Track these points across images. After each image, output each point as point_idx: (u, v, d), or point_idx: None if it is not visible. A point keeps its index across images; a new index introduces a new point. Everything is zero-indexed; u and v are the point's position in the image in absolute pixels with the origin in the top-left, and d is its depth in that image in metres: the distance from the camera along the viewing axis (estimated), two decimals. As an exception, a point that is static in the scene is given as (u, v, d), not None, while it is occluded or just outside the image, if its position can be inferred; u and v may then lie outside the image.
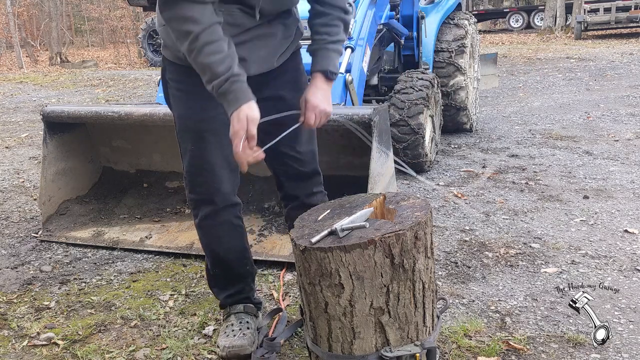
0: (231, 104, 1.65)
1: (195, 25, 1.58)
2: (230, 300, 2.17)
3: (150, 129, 3.42)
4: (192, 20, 1.58)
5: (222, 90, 1.63)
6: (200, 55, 1.61)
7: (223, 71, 1.62)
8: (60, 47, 22.00)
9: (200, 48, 1.60)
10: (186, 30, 1.59)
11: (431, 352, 1.52)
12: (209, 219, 2.02)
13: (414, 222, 1.44)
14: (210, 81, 1.64)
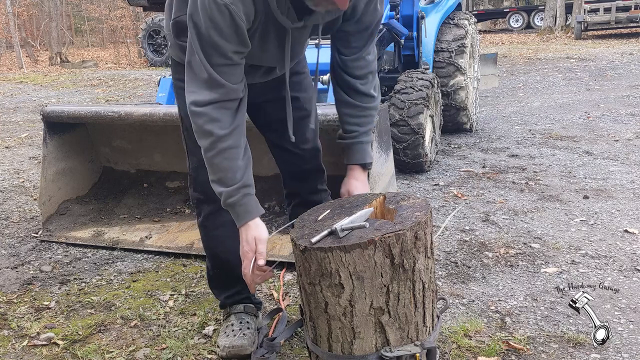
0: (240, 217, 1.65)
1: (219, 128, 1.58)
2: (230, 300, 2.18)
3: (150, 129, 3.42)
4: (218, 122, 1.58)
5: (232, 201, 1.63)
6: (217, 157, 1.61)
7: (237, 179, 1.62)
8: (60, 47, 22.00)
9: (220, 151, 1.60)
10: (209, 131, 1.59)
11: (431, 352, 1.52)
12: (211, 219, 2.03)
13: (414, 222, 1.44)
14: (221, 184, 1.63)
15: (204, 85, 1.56)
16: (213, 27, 1.51)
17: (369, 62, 1.89)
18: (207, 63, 1.55)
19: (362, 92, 1.89)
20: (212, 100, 1.57)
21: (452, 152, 5.02)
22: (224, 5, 1.49)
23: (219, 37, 1.52)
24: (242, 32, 1.55)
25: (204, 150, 1.62)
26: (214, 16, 1.50)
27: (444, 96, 5.05)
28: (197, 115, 1.59)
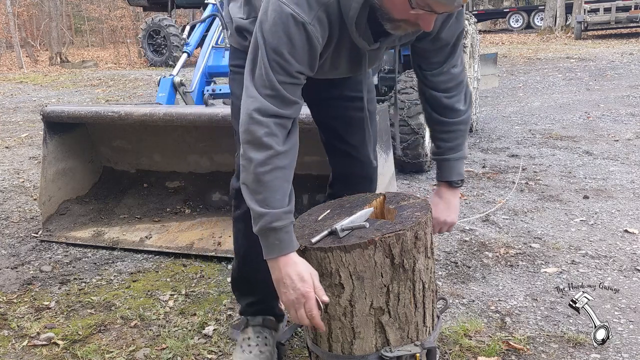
0: (282, 247, 1.43)
1: (278, 144, 1.43)
2: (251, 309, 2.03)
3: (150, 129, 3.42)
4: (277, 137, 1.44)
5: (277, 226, 1.42)
6: (270, 174, 1.43)
7: (286, 203, 1.45)
8: (60, 47, 22.00)
9: (275, 168, 1.43)
10: (269, 144, 1.42)
11: (431, 352, 1.52)
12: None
13: (414, 222, 1.44)
14: (265, 205, 1.43)
15: (267, 98, 1.43)
16: (286, 43, 1.39)
17: (455, 75, 1.75)
18: (273, 78, 1.42)
19: (446, 105, 1.77)
20: (276, 113, 1.43)
21: (452, 152, 5.01)
22: (302, 24, 1.38)
23: (290, 54, 1.41)
24: (315, 54, 1.45)
25: (255, 164, 1.42)
26: (290, 32, 1.39)
27: (444, 96, 5.03)
28: (259, 125, 1.42)
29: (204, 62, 4.20)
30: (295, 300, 1.42)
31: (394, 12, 1.38)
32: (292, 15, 1.37)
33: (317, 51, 1.45)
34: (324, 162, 2.30)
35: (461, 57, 1.77)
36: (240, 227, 1.91)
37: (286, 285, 1.42)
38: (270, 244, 1.44)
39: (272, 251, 1.44)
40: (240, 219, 1.90)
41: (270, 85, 1.42)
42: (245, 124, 1.44)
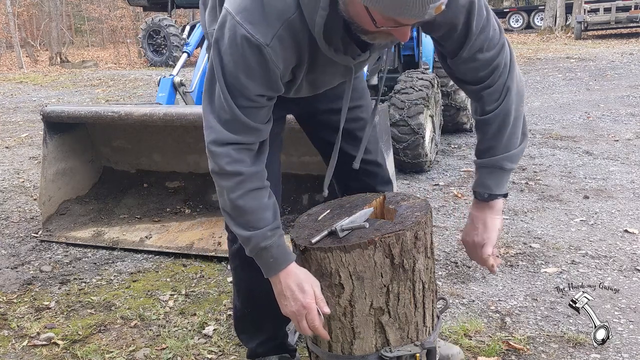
0: (278, 262, 1.39)
1: (245, 166, 1.37)
2: (262, 349, 1.89)
3: (150, 129, 3.42)
4: (242, 162, 1.37)
5: (266, 245, 1.38)
6: (244, 198, 1.37)
7: (269, 219, 1.39)
8: (60, 47, 22.00)
9: (247, 191, 1.37)
10: (235, 171, 1.36)
11: (431, 352, 1.52)
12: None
13: (414, 222, 1.44)
14: (248, 228, 1.38)
15: (225, 124, 1.34)
16: (242, 67, 1.28)
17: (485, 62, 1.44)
18: (231, 102, 1.31)
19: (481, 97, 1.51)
20: (235, 141, 1.35)
21: (452, 152, 5.02)
22: (257, 47, 1.25)
23: (247, 78, 1.29)
24: (274, 79, 1.32)
25: (227, 192, 1.37)
26: (245, 55, 1.26)
27: (444, 96, 5.05)
28: (218, 156, 1.35)
29: (204, 62, 4.20)
30: (296, 312, 1.39)
31: (364, 24, 1.23)
32: (246, 37, 1.24)
33: (277, 75, 1.32)
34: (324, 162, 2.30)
35: (495, 37, 1.42)
36: (240, 262, 1.80)
37: (287, 297, 1.39)
38: (265, 263, 1.41)
39: (270, 269, 1.41)
40: (237, 253, 1.79)
41: (228, 110, 1.32)
42: (208, 155, 1.38)
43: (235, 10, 1.25)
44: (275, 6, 1.24)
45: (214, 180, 1.41)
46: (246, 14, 1.23)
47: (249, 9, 1.24)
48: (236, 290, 1.87)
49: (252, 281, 1.77)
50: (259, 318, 1.85)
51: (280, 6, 1.24)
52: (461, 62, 1.45)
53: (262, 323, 1.86)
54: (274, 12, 1.24)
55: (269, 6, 1.23)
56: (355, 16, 1.23)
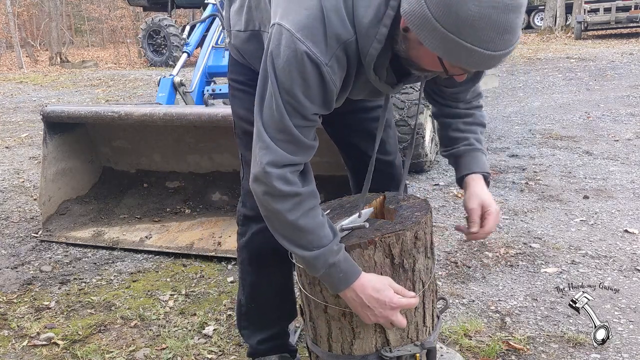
0: (350, 275, 1.34)
1: (300, 187, 1.34)
2: (263, 347, 1.88)
3: (150, 129, 3.42)
4: (296, 183, 1.33)
5: (335, 260, 1.33)
6: (304, 219, 1.33)
7: (330, 234, 1.35)
8: (60, 47, 22.00)
9: (305, 211, 1.34)
10: (292, 192, 1.32)
11: (431, 352, 1.52)
12: (259, 239, 1.73)
13: (413, 222, 1.44)
14: (312, 247, 1.33)
15: (282, 144, 1.30)
16: (301, 85, 1.25)
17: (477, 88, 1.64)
18: (288, 122, 1.28)
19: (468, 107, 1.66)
20: (290, 162, 1.31)
21: (452, 152, 5.01)
22: (317, 65, 1.23)
23: (305, 96, 1.27)
24: (331, 97, 1.31)
25: (285, 214, 1.32)
26: (306, 72, 1.24)
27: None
28: (275, 179, 1.30)
29: (204, 62, 4.20)
30: (389, 316, 1.37)
31: (422, 63, 1.27)
32: (307, 54, 1.23)
33: (334, 95, 1.32)
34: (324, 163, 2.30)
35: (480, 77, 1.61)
36: (247, 254, 1.79)
37: (371, 307, 1.35)
38: (335, 279, 1.34)
39: (340, 284, 1.35)
40: (246, 246, 1.78)
41: (285, 129, 1.29)
42: (259, 176, 1.31)
43: (295, 28, 1.23)
44: (335, 28, 1.24)
45: (266, 206, 1.34)
46: (307, 32, 1.23)
47: (309, 27, 1.23)
48: (241, 285, 1.86)
49: (258, 276, 1.79)
50: (263, 314, 1.85)
51: (340, 29, 1.24)
52: (458, 91, 1.60)
53: (265, 320, 1.86)
54: (334, 33, 1.24)
55: (330, 27, 1.23)
56: (418, 58, 1.27)
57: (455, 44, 1.13)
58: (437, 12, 1.12)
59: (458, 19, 1.10)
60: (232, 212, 3.30)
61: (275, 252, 1.63)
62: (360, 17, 1.24)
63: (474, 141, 1.63)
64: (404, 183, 1.74)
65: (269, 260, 1.75)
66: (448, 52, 1.15)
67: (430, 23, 1.13)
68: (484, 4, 1.09)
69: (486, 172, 1.60)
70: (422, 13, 1.14)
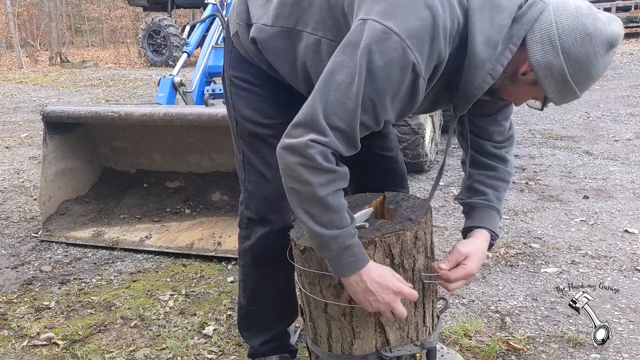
0: (359, 260, 1.33)
1: (336, 165, 1.30)
2: (264, 348, 1.88)
3: (150, 129, 3.42)
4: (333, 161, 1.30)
5: (351, 243, 1.32)
6: (333, 196, 1.29)
7: (348, 219, 1.33)
8: (60, 47, 22.00)
9: (338, 189, 1.31)
10: (329, 168, 1.28)
11: (431, 352, 1.52)
12: (263, 244, 1.71)
13: (413, 222, 1.44)
14: (333, 226, 1.30)
15: (336, 132, 1.26)
16: (394, 90, 1.24)
17: (506, 128, 1.61)
18: (357, 115, 1.25)
19: (494, 153, 1.61)
20: (336, 148, 1.28)
21: (452, 152, 5.01)
22: (417, 76, 1.23)
23: (391, 101, 1.25)
24: (412, 109, 1.33)
25: (316, 187, 1.27)
26: (405, 80, 1.23)
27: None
28: (317, 152, 1.25)
29: (204, 62, 4.20)
30: (390, 302, 1.36)
31: (507, 97, 1.38)
32: (414, 64, 1.21)
33: (414, 108, 1.32)
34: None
35: (511, 113, 1.62)
36: (250, 258, 1.77)
37: (374, 292, 1.34)
38: (345, 262, 1.33)
39: (349, 269, 1.34)
40: (250, 249, 1.75)
41: (348, 121, 1.25)
42: (299, 147, 1.26)
43: (407, 34, 1.21)
44: (439, 46, 1.24)
45: (296, 177, 1.28)
46: (417, 42, 1.21)
47: (421, 39, 1.22)
48: (242, 287, 1.85)
49: (261, 279, 1.78)
50: (264, 316, 1.85)
51: (442, 48, 1.25)
52: (493, 123, 1.59)
53: (266, 321, 1.86)
54: (437, 51, 1.25)
55: (436, 44, 1.24)
56: (509, 93, 1.38)
57: (571, 91, 1.29)
58: (574, 70, 1.25)
59: (586, 75, 1.26)
60: (232, 212, 3.30)
61: (279, 254, 1.63)
62: (478, 51, 1.27)
63: (494, 198, 1.59)
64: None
65: (272, 263, 1.73)
66: (561, 95, 1.31)
67: (563, 78, 1.26)
68: (606, 62, 1.26)
69: (495, 232, 1.56)
70: (559, 69, 1.25)
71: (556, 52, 1.24)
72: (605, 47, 1.24)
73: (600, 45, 1.24)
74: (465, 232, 1.57)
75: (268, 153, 1.59)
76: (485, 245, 1.53)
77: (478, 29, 1.26)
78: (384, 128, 1.70)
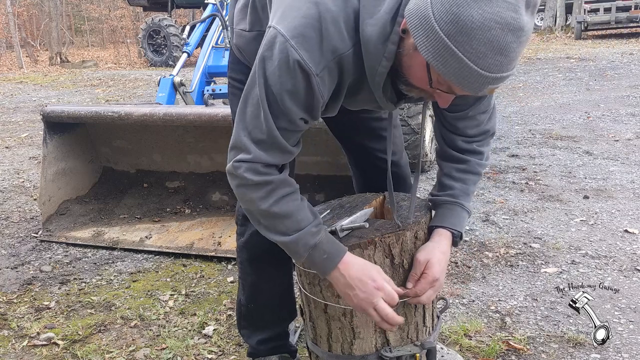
0: (334, 256, 1.32)
1: (273, 175, 1.32)
2: (264, 347, 1.87)
3: (150, 129, 3.42)
4: (269, 174, 1.32)
5: (316, 241, 1.31)
6: (278, 204, 1.31)
7: (310, 216, 1.33)
8: (60, 47, 22.00)
9: (279, 197, 1.32)
10: (263, 181, 1.30)
11: (431, 352, 1.52)
12: (258, 240, 1.66)
13: (414, 222, 1.44)
14: (292, 230, 1.32)
15: (258, 144, 1.29)
16: (288, 90, 1.24)
17: (481, 121, 1.54)
18: (272, 123, 1.26)
19: (465, 149, 1.56)
20: (264, 161, 1.30)
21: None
22: (307, 74, 1.22)
23: (291, 101, 1.25)
24: (317, 106, 1.29)
25: (258, 202, 1.31)
26: (295, 79, 1.22)
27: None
28: (245, 170, 1.30)
29: (204, 62, 4.20)
30: (369, 298, 1.32)
31: (411, 78, 1.25)
32: (299, 62, 1.20)
33: (320, 103, 1.29)
34: (324, 162, 2.30)
35: (490, 104, 1.54)
36: (246, 255, 1.79)
37: (354, 287, 1.32)
38: (319, 262, 1.32)
39: (326, 267, 1.33)
40: (244, 246, 1.78)
41: (266, 131, 1.27)
42: (230, 170, 1.32)
43: (291, 34, 1.20)
44: (332, 40, 1.22)
45: (241, 197, 1.34)
46: (301, 39, 1.20)
47: (304, 36, 1.20)
48: (241, 284, 1.85)
49: (259, 276, 1.79)
50: (263, 314, 1.85)
51: (337, 42, 1.22)
52: (464, 118, 1.52)
53: (265, 320, 1.86)
54: (330, 46, 1.22)
55: (327, 39, 1.21)
56: (407, 68, 1.24)
57: (447, 50, 1.09)
58: (439, 12, 1.08)
59: (457, 23, 1.06)
60: (232, 212, 3.30)
61: (275, 251, 1.61)
62: (368, 35, 1.21)
63: (460, 193, 1.54)
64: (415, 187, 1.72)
65: (268, 260, 1.74)
66: (438, 57, 1.11)
67: (429, 22, 1.09)
68: (487, 14, 1.05)
69: (456, 230, 1.49)
70: (424, 11, 1.10)
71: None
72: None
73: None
74: (430, 230, 1.51)
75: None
76: (445, 245, 1.46)
77: (366, 11, 1.22)
78: (384, 131, 1.70)
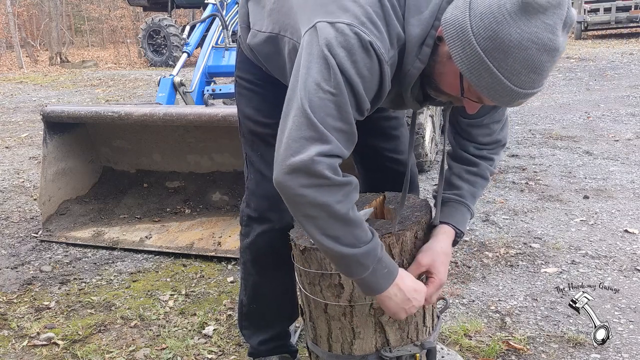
0: (391, 272, 1.27)
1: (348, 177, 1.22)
2: (265, 347, 1.87)
3: (150, 129, 3.42)
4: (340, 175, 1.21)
5: (380, 255, 1.25)
6: (354, 210, 1.22)
7: (370, 230, 1.25)
8: (60, 47, 21.99)
9: (353, 202, 1.23)
10: (346, 181, 1.20)
11: (431, 352, 1.52)
12: (263, 241, 1.71)
13: (414, 222, 1.44)
14: (359, 241, 1.21)
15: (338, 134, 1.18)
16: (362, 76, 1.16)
17: (494, 131, 1.54)
18: (350, 110, 1.18)
19: (477, 154, 1.56)
20: (342, 155, 1.20)
21: (452, 152, 5.01)
22: (380, 61, 1.17)
23: (365, 89, 1.18)
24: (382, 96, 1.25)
25: (335, 206, 1.17)
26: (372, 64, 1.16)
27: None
28: (326, 167, 1.15)
29: (204, 62, 4.20)
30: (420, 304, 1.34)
31: (442, 85, 1.25)
32: (372, 43, 1.15)
33: (384, 97, 1.24)
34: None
35: (504, 116, 1.55)
36: (250, 255, 1.77)
37: (412, 298, 1.30)
38: (380, 276, 1.26)
39: (386, 281, 1.27)
40: (249, 247, 1.76)
41: (345, 118, 1.17)
42: (304, 167, 1.14)
43: (357, 22, 1.15)
44: (395, 28, 1.19)
45: (310, 200, 1.17)
46: (370, 27, 1.16)
47: (373, 23, 1.16)
48: (243, 285, 1.86)
49: (261, 277, 1.79)
50: (264, 315, 1.85)
51: (399, 31, 1.21)
52: (479, 126, 1.52)
53: (266, 320, 1.86)
54: (396, 33, 1.20)
55: (391, 27, 1.19)
56: (439, 75, 1.23)
57: (483, 65, 1.10)
58: (478, 27, 1.09)
59: (495, 40, 1.08)
60: (232, 212, 3.30)
61: (278, 253, 1.64)
62: (411, 33, 1.20)
63: (467, 194, 1.53)
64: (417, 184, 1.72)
65: (272, 262, 1.74)
66: (472, 70, 1.12)
67: (466, 35, 1.10)
68: (525, 34, 1.06)
69: (459, 229, 1.49)
70: (462, 23, 1.11)
71: (465, 7, 1.12)
72: (518, 7, 1.07)
73: (508, 2, 1.07)
74: (432, 226, 1.51)
75: (266, 152, 1.59)
76: (447, 243, 1.45)
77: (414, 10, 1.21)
78: (395, 130, 1.71)
